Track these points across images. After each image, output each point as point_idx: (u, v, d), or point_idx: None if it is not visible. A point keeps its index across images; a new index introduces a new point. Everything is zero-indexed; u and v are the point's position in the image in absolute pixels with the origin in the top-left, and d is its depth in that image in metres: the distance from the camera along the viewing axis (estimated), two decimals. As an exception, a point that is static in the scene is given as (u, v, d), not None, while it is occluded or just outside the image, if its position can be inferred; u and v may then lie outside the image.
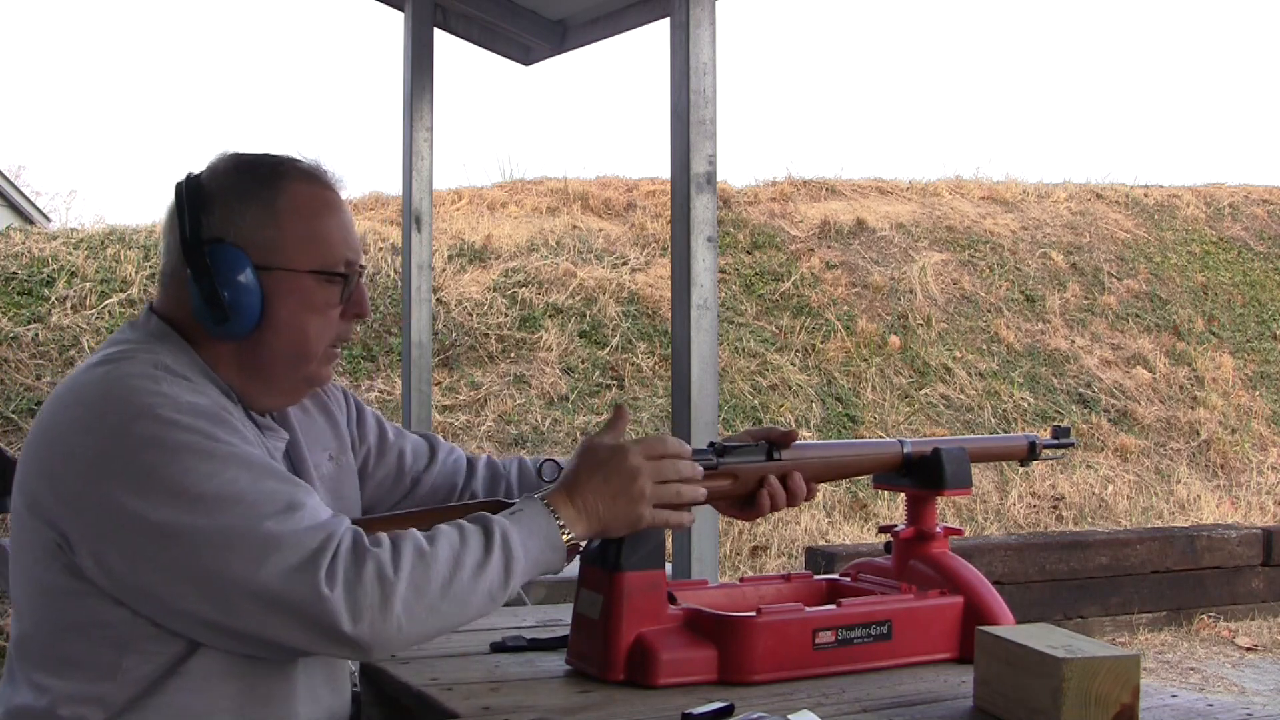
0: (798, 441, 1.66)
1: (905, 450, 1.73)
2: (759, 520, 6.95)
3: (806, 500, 1.66)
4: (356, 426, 1.71)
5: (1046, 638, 1.34)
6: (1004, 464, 7.30)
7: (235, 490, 1.28)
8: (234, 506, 1.27)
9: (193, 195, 1.45)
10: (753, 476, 1.63)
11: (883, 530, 1.80)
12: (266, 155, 1.51)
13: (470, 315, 8.04)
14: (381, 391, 7.25)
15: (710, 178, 3.29)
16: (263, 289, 1.43)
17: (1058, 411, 8.89)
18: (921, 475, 1.72)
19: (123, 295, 7.45)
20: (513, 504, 1.45)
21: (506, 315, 8.13)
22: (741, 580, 1.76)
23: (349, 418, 1.70)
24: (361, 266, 1.52)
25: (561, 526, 1.42)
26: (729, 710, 1.33)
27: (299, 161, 1.51)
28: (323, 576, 1.25)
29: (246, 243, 1.43)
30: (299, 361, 1.48)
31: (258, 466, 1.32)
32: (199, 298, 1.41)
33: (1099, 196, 11.93)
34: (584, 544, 1.50)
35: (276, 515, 1.28)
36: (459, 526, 1.37)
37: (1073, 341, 9.75)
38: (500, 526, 1.38)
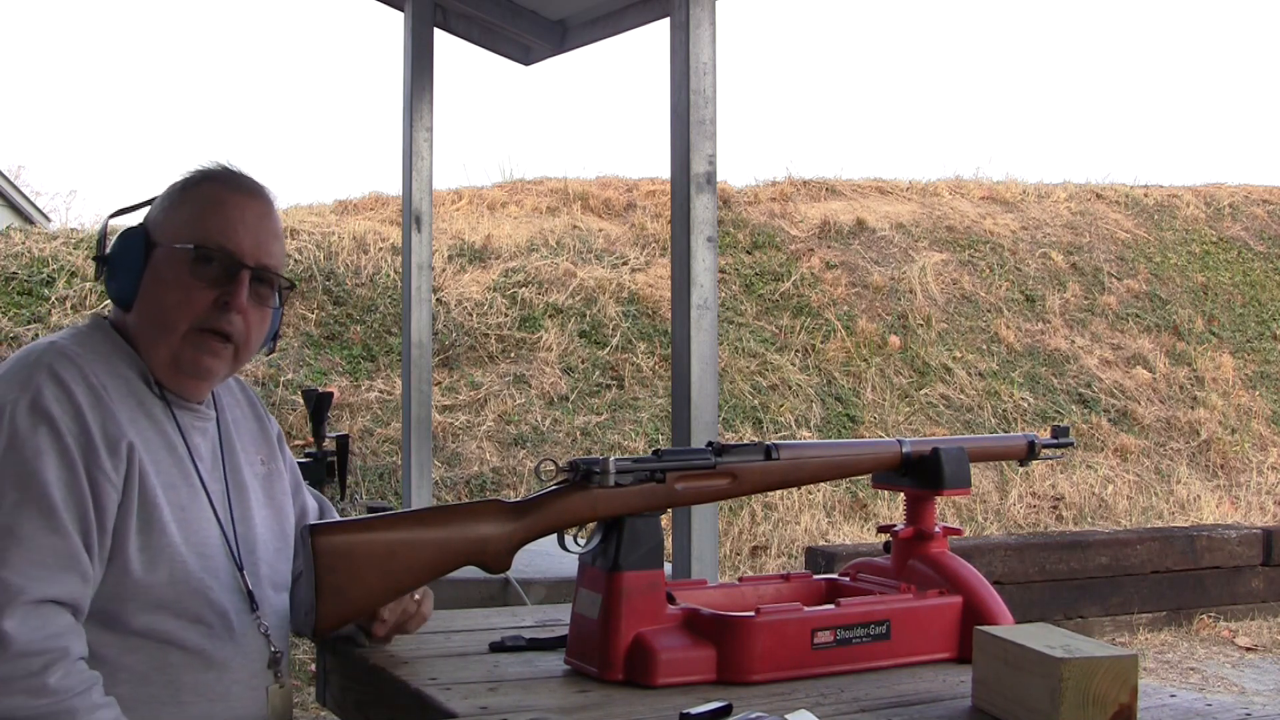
0: (796, 441, 1.66)
1: (904, 450, 1.72)
2: (759, 520, 6.95)
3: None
4: (281, 459, 1.76)
5: (1045, 638, 1.34)
6: (1004, 464, 7.30)
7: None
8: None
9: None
10: (751, 477, 1.63)
11: (882, 530, 1.80)
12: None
13: (470, 315, 8.03)
14: (381, 391, 7.24)
15: (710, 178, 3.29)
16: (146, 263, 1.57)
17: (1058, 411, 8.88)
18: (920, 475, 1.72)
19: (123, 295, 7.42)
20: None
21: (506, 315, 8.13)
22: (740, 580, 1.76)
23: (278, 439, 1.76)
24: (249, 266, 1.57)
25: None
26: (727, 710, 1.33)
27: (232, 171, 1.65)
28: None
29: (151, 225, 1.60)
30: (159, 333, 1.55)
31: (47, 510, 1.38)
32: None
33: (1099, 196, 11.93)
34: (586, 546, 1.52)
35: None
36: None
37: (1073, 341, 9.74)
38: None
